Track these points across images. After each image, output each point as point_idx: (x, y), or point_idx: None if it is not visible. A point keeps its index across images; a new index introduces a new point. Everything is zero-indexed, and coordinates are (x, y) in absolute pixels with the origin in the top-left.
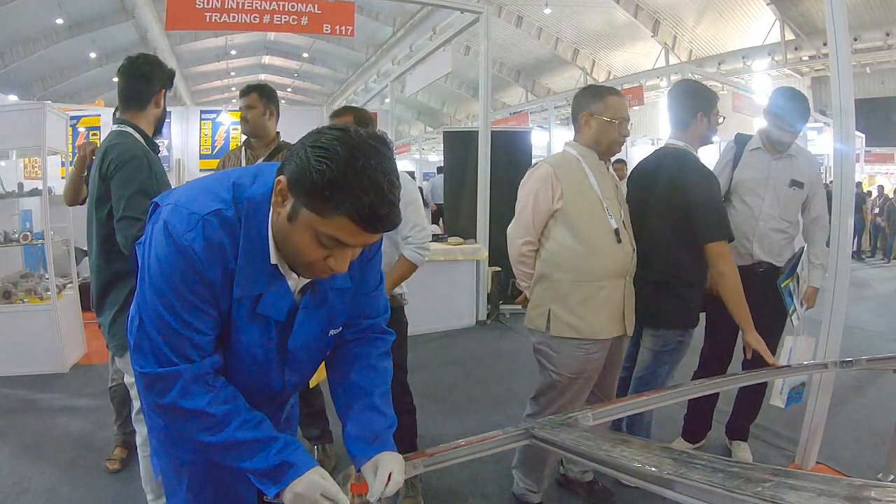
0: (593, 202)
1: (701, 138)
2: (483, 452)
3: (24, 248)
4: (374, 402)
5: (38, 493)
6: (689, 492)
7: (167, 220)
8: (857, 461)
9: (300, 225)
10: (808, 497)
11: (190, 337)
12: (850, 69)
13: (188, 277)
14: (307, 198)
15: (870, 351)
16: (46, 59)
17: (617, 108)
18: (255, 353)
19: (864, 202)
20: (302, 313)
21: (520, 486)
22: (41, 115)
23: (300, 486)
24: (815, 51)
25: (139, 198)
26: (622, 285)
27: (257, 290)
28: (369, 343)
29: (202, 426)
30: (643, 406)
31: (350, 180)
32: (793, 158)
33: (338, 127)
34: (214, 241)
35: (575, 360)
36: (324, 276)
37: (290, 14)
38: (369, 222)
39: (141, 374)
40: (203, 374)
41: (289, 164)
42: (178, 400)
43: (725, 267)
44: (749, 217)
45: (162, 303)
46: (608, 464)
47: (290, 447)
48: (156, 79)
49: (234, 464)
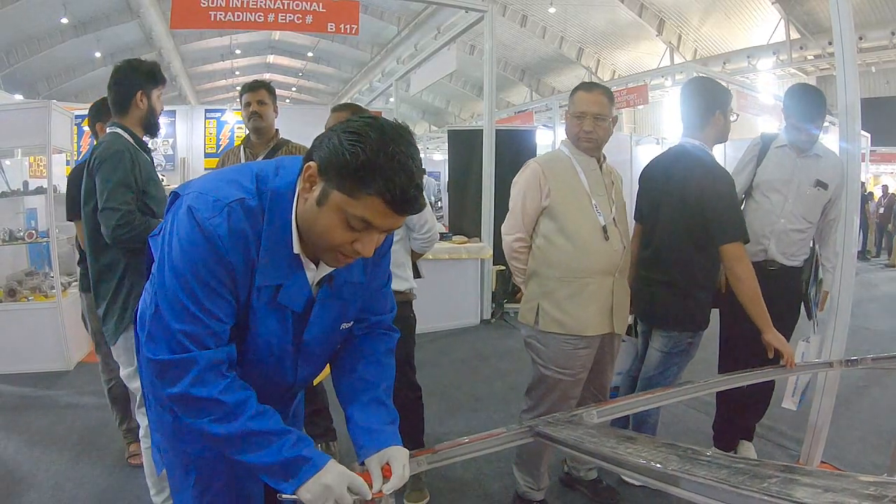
0: (581, 199)
1: (717, 137)
2: (487, 450)
3: (29, 247)
4: (379, 395)
5: (43, 488)
6: (695, 488)
7: (192, 205)
8: (862, 461)
9: (329, 208)
10: (816, 493)
11: (208, 324)
12: (855, 67)
13: (211, 262)
14: (339, 179)
15: (875, 351)
16: (51, 59)
17: (578, 103)
18: (272, 344)
19: (867, 202)
20: (318, 305)
21: (520, 485)
22: (46, 114)
23: (328, 477)
24: (820, 50)
25: (120, 189)
26: (610, 282)
27: (278, 279)
28: (376, 339)
29: (214, 416)
30: (648, 404)
31: (382, 162)
32: (819, 159)
33: (367, 115)
34: (238, 228)
35: (562, 354)
36: (348, 261)
37: (294, 13)
38: (399, 203)
39: (153, 361)
40: (218, 363)
41: (319, 150)
42: (190, 388)
43: (742, 270)
44: (769, 213)
45: (182, 287)
46: (612, 460)
47: (304, 441)
48: (130, 83)
49: (244, 457)
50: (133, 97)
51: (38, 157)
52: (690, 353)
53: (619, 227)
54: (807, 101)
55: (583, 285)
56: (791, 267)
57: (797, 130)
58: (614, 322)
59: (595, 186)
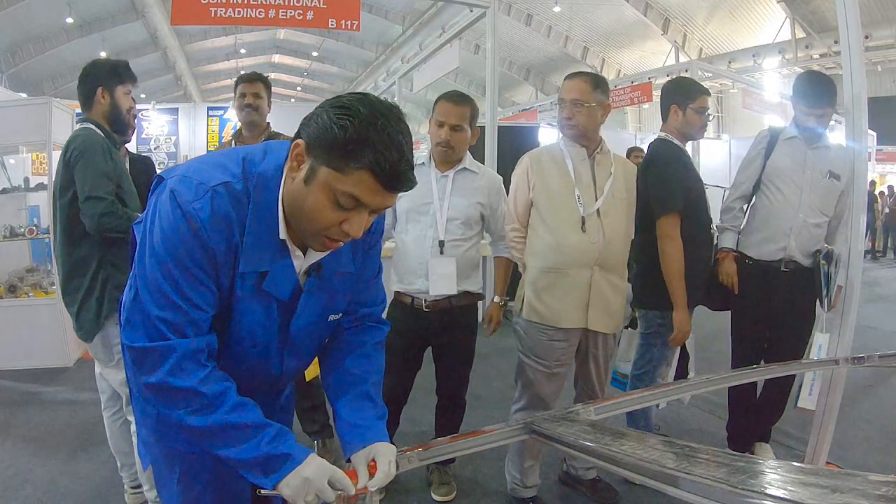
0: (564, 190)
1: (680, 129)
2: (481, 447)
3: (31, 243)
4: (367, 390)
5: (38, 484)
6: (692, 488)
7: (174, 188)
8: (868, 461)
9: (317, 185)
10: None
11: (187, 311)
12: (862, 63)
13: (192, 247)
14: (327, 155)
15: (882, 350)
16: (56, 58)
17: (560, 91)
18: (256, 334)
19: (876, 201)
20: (305, 295)
21: (508, 482)
22: (47, 111)
23: (308, 470)
24: (825, 49)
25: (103, 180)
26: (588, 276)
27: (263, 265)
28: (365, 332)
29: (192, 407)
30: (645, 401)
31: (371, 136)
32: (829, 150)
33: (356, 92)
34: (221, 212)
35: (539, 344)
36: (336, 246)
37: (295, 9)
38: (389, 178)
39: (130, 348)
40: (196, 352)
41: (307, 127)
42: (168, 377)
43: (668, 247)
44: (786, 208)
45: (163, 273)
46: (606, 458)
47: (283, 436)
48: (92, 80)
49: (223, 451)
50: (94, 93)
51: (40, 154)
52: (665, 335)
53: (603, 220)
54: (817, 88)
55: (560, 276)
56: (805, 268)
57: (808, 117)
58: (589, 317)
59: (582, 177)
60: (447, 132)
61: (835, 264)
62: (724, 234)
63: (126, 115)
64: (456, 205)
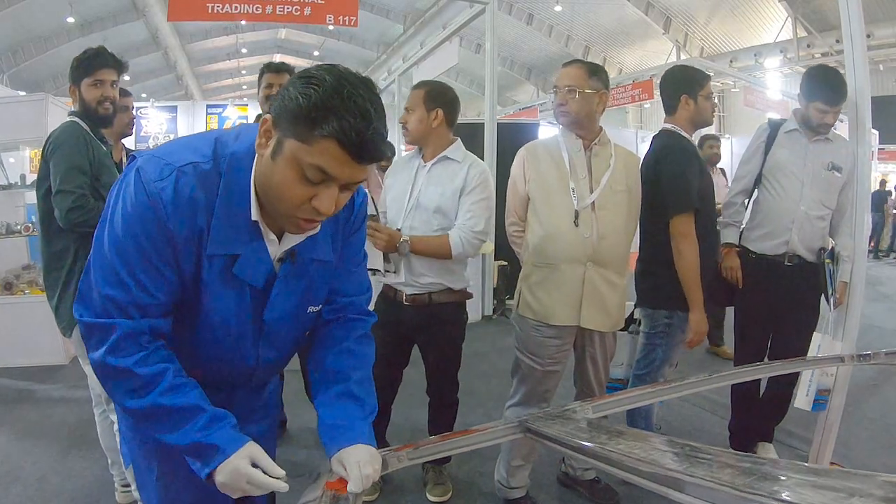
0: (558, 183)
1: (690, 120)
2: (473, 446)
3: (29, 241)
4: (349, 388)
5: (28, 482)
6: (695, 491)
7: (140, 167)
8: (873, 461)
9: (284, 159)
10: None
11: (135, 294)
12: (865, 61)
13: (151, 228)
14: (292, 125)
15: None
16: (58, 58)
17: (556, 78)
18: (229, 322)
19: (886, 201)
20: (280, 283)
21: (495, 481)
22: (43, 108)
23: (221, 475)
24: (827, 48)
25: (74, 173)
26: (581, 272)
27: (234, 248)
28: (347, 325)
29: (127, 388)
30: (644, 399)
31: (336, 103)
32: (830, 142)
33: (327, 63)
34: (186, 194)
35: (531, 340)
36: (310, 227)
37: (293, 4)
38: (355, 146)
39: (80, 321)
40: (137, 333)
41: (274, 102)
42: (106, 356)
43: (685, 246)
44: (788, 201)
45: (118, 251)
46: (602, 458)
47: (216, 423)
48: (71, 77)
49: (163, 437)
50: (70, 88)
51: (39, 150)
52: (671, 335)
53: (598, 213)
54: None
55: (551, 271)
56: (810, 263)
57: (824, 114)
58: (582, 315)
59: (578, 169)
60: (406, 116)
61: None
62: (726, 230)
63: (96, 108)
64: (428, 194)
